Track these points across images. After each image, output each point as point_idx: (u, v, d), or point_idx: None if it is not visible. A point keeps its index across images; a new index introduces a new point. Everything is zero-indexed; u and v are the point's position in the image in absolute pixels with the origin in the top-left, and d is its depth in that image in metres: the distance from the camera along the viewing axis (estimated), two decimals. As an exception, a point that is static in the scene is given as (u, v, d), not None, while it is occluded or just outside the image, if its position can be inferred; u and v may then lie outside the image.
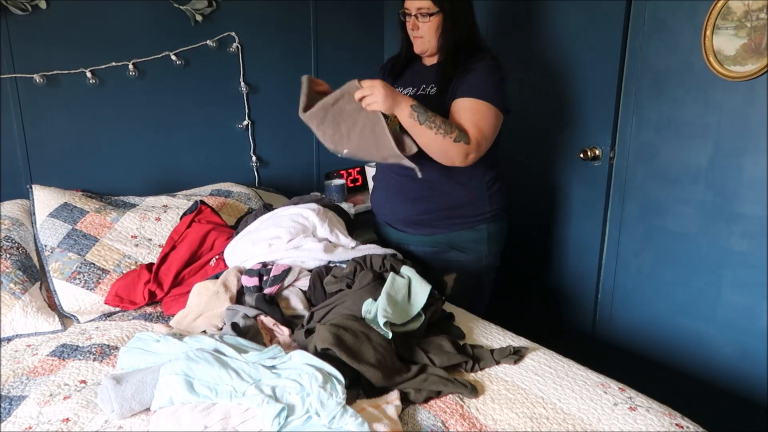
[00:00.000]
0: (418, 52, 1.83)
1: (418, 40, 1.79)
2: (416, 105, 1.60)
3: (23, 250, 1.78)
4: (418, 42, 1.79)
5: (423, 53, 1.83)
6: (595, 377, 1.32)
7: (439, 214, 1.84)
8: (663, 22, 1.85)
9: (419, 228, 1.88)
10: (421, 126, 1.60)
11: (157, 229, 1.93)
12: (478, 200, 1.84)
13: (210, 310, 1.51)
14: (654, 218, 1.97)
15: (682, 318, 1.95)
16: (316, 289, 1.57)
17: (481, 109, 1.68)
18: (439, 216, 1.85)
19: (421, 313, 1.43)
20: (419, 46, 1.80)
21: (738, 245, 1.77)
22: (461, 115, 1.68)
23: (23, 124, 2.04)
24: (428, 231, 1.88)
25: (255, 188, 2.45)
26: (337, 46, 2.69)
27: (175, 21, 2.25)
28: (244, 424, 1.08)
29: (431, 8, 1.72)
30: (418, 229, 1.89)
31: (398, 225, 1.93)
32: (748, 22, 1.62)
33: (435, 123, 1.61)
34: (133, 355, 1.31)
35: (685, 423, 1.17)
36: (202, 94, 2.38)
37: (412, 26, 1.77)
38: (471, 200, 1.84)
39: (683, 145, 1.86)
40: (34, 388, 1.28)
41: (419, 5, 1.73)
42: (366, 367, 1.21)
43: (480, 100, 1.68)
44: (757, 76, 1.63)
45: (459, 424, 1.16)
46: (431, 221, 1.86)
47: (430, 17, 1.73)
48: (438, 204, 1.83)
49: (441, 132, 1.61)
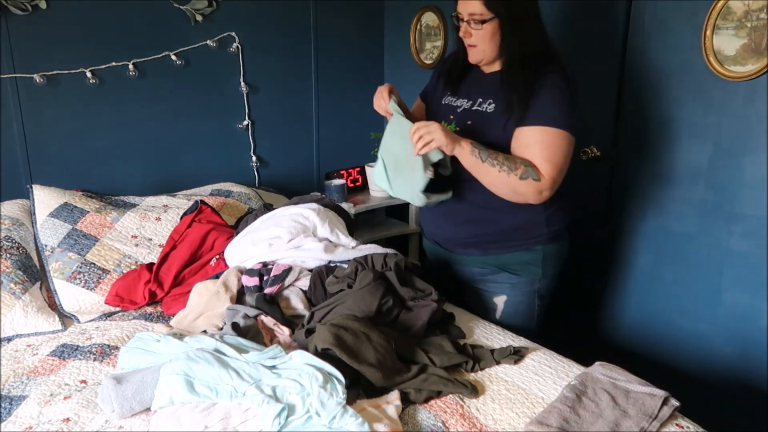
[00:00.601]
0: (473, 62, 1.63)
1: (472, 49, 1.59)
2: (475, 143, 1.50)
3: (23, 250, 1.78)
4: (472, 51, 1.60)
5: (478, 63, 1.63)
6: (596, 377, 1.32)
7: (490, 238, 1.69)
8: (663, 22, 1.85)
9: (468, 249, 1.73)
10: (484, 163, 1.49)
11: (157, 229, 1.93)
12: (533, 223, 1.66)
13: (210, 309, 1.51)
14: (654, 218, 1.97)
15: (682, 318, 1.95)
16: (316, 288, 1.57)
17: (553, 140, 1.51)
18: (490, 239, 1.69)
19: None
20: (473, 56, 1.61)
21: (738, 245, 1.77)
22: (531, 150, 1.52)
23: (23, 124, 2.05)
24: (478, 252, 1.72)
25: (255, 188, 2.45)
26: (337, 46, 2.69)
27: (175, 21, 2.25)
28: (245, 424, 1.08)
29: (485, 14, 1.50)
30: (467, 250, 1.74)
31: (447, 245, 1.79)
32: (749, 22, 1.62)
33: (498, 160, 1.49)
34: (134, 355, 1.31)
35: (685, 423, 1.17)
36: (202, 94, 2.38)
37: (464, 33, 1.57)
38: (525, 223, 1.66)
39: (683, 145, 1.86)
40: (34, 388, 1.28)
41: (471, 10, 1.52)
42: (366, 367, 1.21)
43: (550, 128, 1.50)
44: (757, 76, 1.63)
45: (459, 424, 1.16)
46: (481, 244, 1.71)
47: (483, 24, 1.51)
48: (489, 228, 1.67)
49: (505, 169, 1.49)
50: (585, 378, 1.27)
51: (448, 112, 1.72)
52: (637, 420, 1.14)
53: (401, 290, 1.49)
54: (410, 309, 1.48)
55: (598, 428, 1.12)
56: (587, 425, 1.13)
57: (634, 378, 1.26)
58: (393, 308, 1.44)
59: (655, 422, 1.14)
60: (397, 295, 1.49)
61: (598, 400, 1.20)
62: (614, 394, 1.21)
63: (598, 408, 1.17)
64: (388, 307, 1.43)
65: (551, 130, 1.51)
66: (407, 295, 1.49)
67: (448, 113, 1.72)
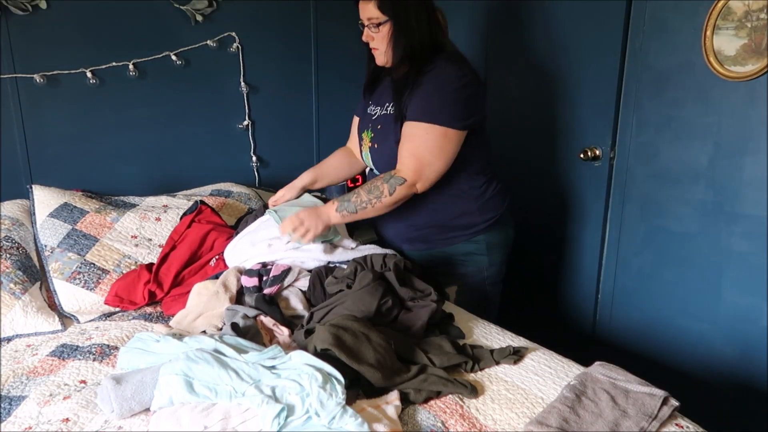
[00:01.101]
0: (380, 65, 1.71)
1: (376, 52, 1.68)
2: (338, 204, 1.63)
3: (23, 250, 1.78)
4: (376, 54, 1.68)
5: (384, 65, 1.70)
6: (595, 377, 1.32)
7: (431, 230, 1.79)
8: (663, 22, 1.84)
9: (415, 244, 1.84)
10: (358, 213, 1.63)
11: (157, 229, 1.93)
12: (468, 212, 1.77)
13: (210, 310, 1.51)
14: (654, 218, 1.97)
15: (682, 318, 1.95)
16: (315, 289, 1.57)
17: (419, 133, 1.60)
18: (431, 232, 1.80)
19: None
20: (378, 59, 1.69)
21: (738, 245, 1.77)
22: (402, 146, 1.63)
23: (23, 124, 2.05)
24: (423, 246, 1.83)
25: (255, 188, 2.45)
26: (337, 46, 2.69)
27: (175, 21, 2.25)
28: (244, 424, 1.08)
29: (379, 17, 1.59)
30: (414, 245, 1.84)
31: (395, 241, 1.89)
32: (749, 23, 1.62)
33: (362, 200, 1.62)
34: (133, 355, 1.31)
35: (685, 423, 1.17)
36: (202, 94, 2.38)
37: (366, 37, 1.66)
38: (460, 213, 1.76)
39: (683, 145, 1.86)
40: (33, 388, 1.28)
41: (368, 14, 1.61)
42: (366, 367, 1.21)
43: (419, 123, 1.60)
44: (757, 76, 1.63)
45: (459, 425, 1.16)
46: (425, 237, 1.81)
47: (379, 27, 1.60)
48: (427, 220, 1.78)
49: (374, 201, 1.61)
50: (584, 378, 1.27)
51: (367, 121, 1.83)
52: (636, 420, 1.14)
53: (400, 290, 1.49)
54: (410, 309, 1.48)
55: (597, 428, 1.12)
56: (587, 425, 1.13)
57: (633, 378, 1.26)
58: (392, 308, 1.44)
59: (655, 422, 1.14)
60: (397, 295, 1.49)
61: (598, 400, 1.20)
62: (614, 394, 1.21)
63: (597, 408, 1.17)
64: (387, 307, 1.43)
65: (418, 124, 1.60)
66: (406, 295, 1.49)
67: (368, 122, 1.83)
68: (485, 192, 1.78)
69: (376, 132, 1.77)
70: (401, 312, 1.46)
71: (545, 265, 2.38)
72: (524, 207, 2.36)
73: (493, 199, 1.79)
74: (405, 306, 1.49)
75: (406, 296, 1.49)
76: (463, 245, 1.80)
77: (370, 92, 1.85)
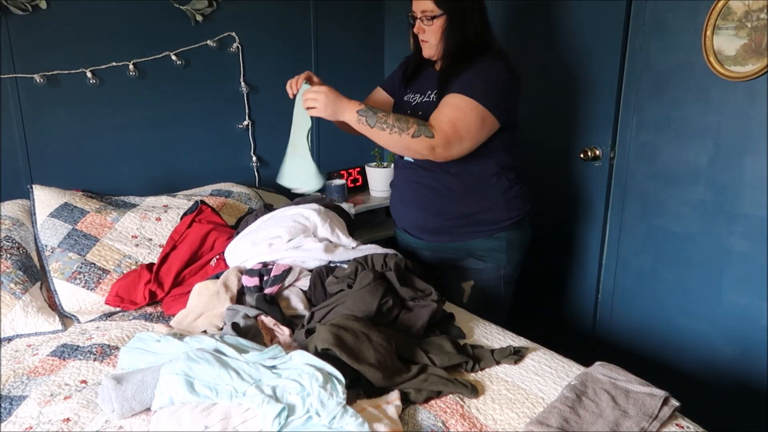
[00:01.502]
0: (427, 57, 1.75)
1: (425, 45, 1.72)
2: (363, 109, 1.58)
3: (23, 250, 1.78)
4: (425, 46, 1.72)
5: (431, 57, 1.74)
6: (596, 377, 1.32)
7: (455, 222, 1.79)
8: (663, 22, 1.85)
9: (435, 236, 1.83)
10: (373, 129, 1.59)
11: (157, 229, 1.94)
12: (494, 208, 1.77)
13: (210, 310, 1.51)
14: (654, 218, 1.97)
15: (682, 318, 1.95)
16: (316, 289, 1.57)
17: (463, 106, 1.60)
18: (455, 224, 1.79)
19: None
20: (426, 51, 1.73)
21: (738, 245, 1.77)
22: (441, 110, 1.62)
23: (23, 124, 2.04)
24: (445, 239, 1.82)
25: (255, 188, 2.45)
26: (338, 46, 2.69)
27: (175, 21, 2.25)
28: (245, 424, 1.08)
29: (434, 10, 1.64)
30: (434, 236, 1.83)
31: (414, 232, 1.87)
32: (749, 23, 1.62)
33: (387, 123, 1.58)
34: (134, 355, 1.31)
35: (685, 423, 1.17)
36: (202, 94, 2.38)
37: (417, 29, 1.70)
38: (487, 208, 1.77)
39: (683, 145, 1.86)
40: (34, 388, 1.28)
41: (423, 7, 1.65)
42: (366, 367, 1.21)
43: (465, 97, 1.60)
44: (757, 76, 1.63)
45: (459, 424, 1.16)
46: (447, 229, 1.80)
47: (433, 20, 1.65)
48: (453, 212, 1.78)
49: (396, 131, 1.57)
50: (585, 378, 1.27)
51: (405, 107, 1.83)
52: (637, 420, 1.14)
53: (401, 290, 1.49)
54: (410, 309, 1.48)
55: (598, 428, 1.12)
56: (587, 425, 1.13)
57: (634, 378, 1.26)
58: (393, 308, 1.44)
59: (655, 422, 1.14)
60: (397, 295, 1.49)
61: (598, 400, 1.20)
62: (614, 394, 1.21)
63: (598, 408, 1.17)
64: (388, 307, 1.43)
65: (466, 98, 1.60)
66: (407, 295, 1.49)
67: (405, 108, 1.83)
68: (513, 189, 1.79)
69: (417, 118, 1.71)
70: (402, 312, 1.46)
71: (545, 265, 2.38)
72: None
73: (518, 198, 1.81)
74: (405, 306, 1.49)
75: (406, 296, 1.49)
76: (485, 240, 1.79)
77: (410, 80, 1.85)
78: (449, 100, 1.63)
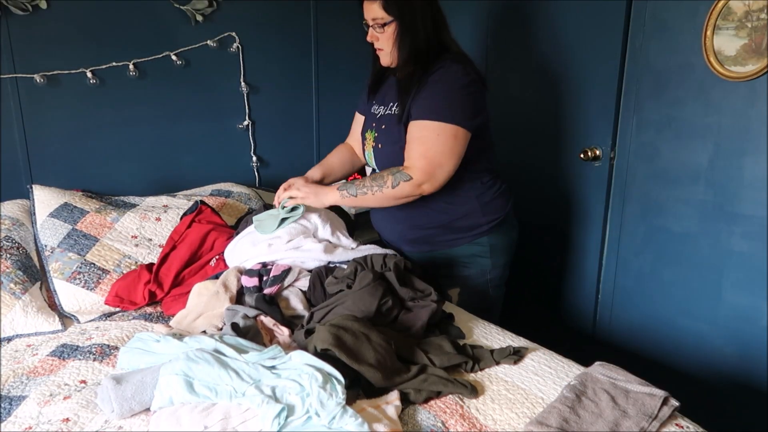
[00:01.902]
0: (385, 65, 1.71)
1: (381, 53, 1.68)
2: (341, 185, 1.63)
3: (23, 250, 1.78)
4: (381, 55, 1.68)
5: (389, 65, 1.70)
6: (595, 377, 1.32)
7: (434, 231, 1.77)
8: (663, 22, 1.85)
9: (417, 245, 1.82)
10: (357, 197, 1.62)
11: (157, 229, 1.94)
12: (470, 213, 1.75)
13: (210, 310, 1.51)
14: (654, 218, 1.97)
15: (682, 318, 1.95)
16: (316, 289, 1.57)
17: (428, 134, 1.57)
18: (434, 233, 1.78)
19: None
20: (383, 59, 1.69)
21: (738, 245, 1.77)
22: (410, 146, 1.60)
23: (23, 124, 2.04)
24: (426, 248, 1.81)
25: (255, 188, 2.45)
26: (338, 46, 2.69)
27: (175, 21, 2.25)
28: (244, 424, 1.08)
29: (384, 17, 1.59)
30: (416, 246, 1.82)
31: (396, 243, 1.87)
32: (749, 23, 1.62)
33: (366, 185, 1.61)
34: (133, 355, 1.31)
35: (685, 423, 1.17)
36: (202, 94, 2.38)
37: (371, 37, 1.66)
38: (462, 215, 1.74)
39: (683, 146, 1.86)
40: (34, 388, 1.28)
41: (373, 14, 1.61)
42: (366, 367, 1.21)
43: (428, 122, 1.57)
44: (757, 76, 1.63)
45: (459, 425, 1.16)
46: (427, 238, 1.79)
47: (384, 27, 1.60)
48: (429, 223, 1.76)
49: (376, 189, 1.60)
50: (585, 378, 1.27)
51: (371, 120, 1.81)
52: (636, 420, 1.14)
53: (401, 291, 1.49)
54: (410, 309, 1.48)
55: (597, 428, 1.12)
56: (587, 425, 1.13)
57: (633, 378, 1.26)
58: (392, 308, 1.44)
59: (655, 422, 1.14)
60: (397, 295, 1.49)
61: (598, 400, 1.20)
62: (614, 394, 1.21)
63: (597, 408, 1.17)
64: (387, 307, 1.43)
65: (427, 124, 1.57)
66: (407, 295, 1.49)
67: (370, 120, 1.81)
68: (489, 193, 1.76)
69: (380, 132, 1.76)
70: (401, 312, 1.46)
71: (545, 265, 2.38)
72: (524, 207, 2.36)
73: (496, 200, 1.78)
74: (405, 306, 1.49)
75: (406, 296, 1.49)
76: (466, 247, 1.78)
77: (374, 92, 1.83)
78: (414, 133, 1.60)
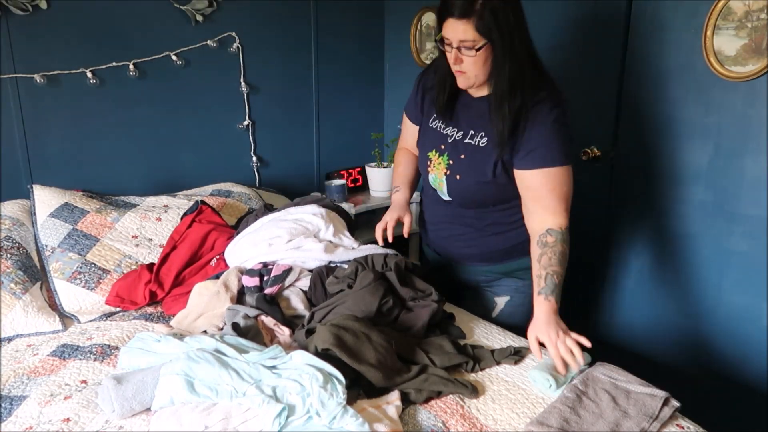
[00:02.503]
0: (463, 88, 1.52)
1: (462, 75, 1.47)
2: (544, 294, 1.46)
3: (24, 250, 1.78)
4: (462, 78, 1.48)
5: (468, 88, 1.53)
6: (596, 377, 1.32)
7: (497, 253, 1.70)
8: (663, 22, 1.85)
9: (473, 262, 1.75)
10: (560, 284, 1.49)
11: (157, 229, 1.93)
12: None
13: (210, 310, 1.51)
14: (654, 218, 1.97)
15: (682, 318, 1.95)
16: (316, 289, 1.57)
17: (557, 178, 1.47)
18: (496, 253, 1.71)
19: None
20: (463, 82, 1.49)
21: (738, 245, 1.77)
22: (538, 192, 1.49)
23: (23, 124, 2.04)
24: (484, 264, 1.74)
25: (255, 188, 2.45)
26: (338, 46, 2.69)
27: (175, 21, 2.25)
28: (245, 424, 1.08)
29: (478, 41, 1.37)
30: (471, 262, 1.75)
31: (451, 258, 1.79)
32: (749, 23, 1.62)
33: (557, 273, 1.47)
34: (134, 355, 1.31)
35: (685, 423, 1.17)
36: (202, 94, 2.38)
37: (455, 60, 1.43)
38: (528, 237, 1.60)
39: (683, 145, 1.86)
40: (34, 388, 1.28)
41: (462, 36, 1.37)
42: (366, 367, 1.21)
43: (552, 169, 1.47)
44: (757, 76, 1.63)
45: (459, 425, 1.16)
46: (486, 256, 1.72)
47: (476, 51, 1.39)
48: (495, 247, 1.69)
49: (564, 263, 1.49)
50: (585, 378, 1.27)
51: (436, 139, 1.66)
52: (637, 420, 1.14)
53: (401, 290, 1.49)
54: (410, 309, 1.48)
55: (598, 428, 1.12)
56: (587, 425, 1.13)
57: (634, 378, 1.26)
58: (393, 308, 1.44)
59: (656, 423, 1.14)
60: (398, 295, 1.49)
61: (599, 401, 1.20)
62: (615, 394, 1.21)
63: (598, 408, 1.18)
64: (388, 307, 1.43)
65: (553, 170, 1.47)
66: (407, 295, 1.49)
67: (437, 140, 1.65)
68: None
69: (458, 161, 1.59)
70: (402, 312, 1.46)
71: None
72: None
73: None
74: (406, 306, 1.49)
75: (407, 296, 1.49)
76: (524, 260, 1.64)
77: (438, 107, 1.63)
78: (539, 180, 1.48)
